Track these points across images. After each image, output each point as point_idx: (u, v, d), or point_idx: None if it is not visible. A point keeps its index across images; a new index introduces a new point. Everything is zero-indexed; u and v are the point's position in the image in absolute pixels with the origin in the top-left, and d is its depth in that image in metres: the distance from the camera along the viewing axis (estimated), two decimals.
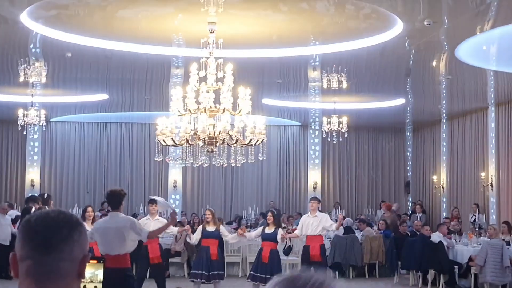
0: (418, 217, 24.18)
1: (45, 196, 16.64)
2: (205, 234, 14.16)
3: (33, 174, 27.02)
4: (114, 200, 9.74)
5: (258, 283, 14.08)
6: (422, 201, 26.65)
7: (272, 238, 14.13)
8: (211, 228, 14.15)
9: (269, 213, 14.81)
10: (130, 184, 27.34)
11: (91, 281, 2.45)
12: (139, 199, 26.96)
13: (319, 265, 14.46)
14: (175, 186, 26.89)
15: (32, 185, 26.84)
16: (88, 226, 13.52)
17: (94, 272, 2.45)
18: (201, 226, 14.64)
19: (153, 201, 14.16)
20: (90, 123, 27.40)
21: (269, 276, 13.81)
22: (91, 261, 2.45)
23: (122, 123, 27.45)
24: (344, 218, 18.66)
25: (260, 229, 14.77)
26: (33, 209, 14.54)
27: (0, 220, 18.14)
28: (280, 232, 14.47)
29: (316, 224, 14.84)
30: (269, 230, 14.24)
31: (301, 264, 15.53)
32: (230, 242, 15.14)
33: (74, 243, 2.30)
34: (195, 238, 14.32)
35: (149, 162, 27.18)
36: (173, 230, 14.45)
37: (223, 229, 14.58)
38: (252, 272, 14.42)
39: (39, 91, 20.53)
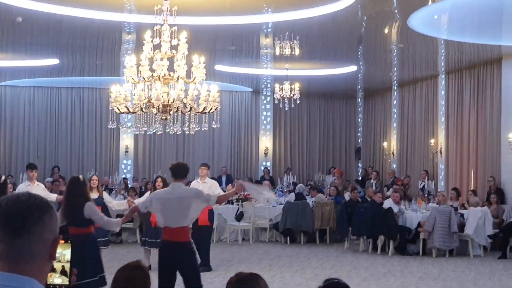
0: (373, 184, 24.44)
1: None
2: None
3: None
4: (180, 171, 9.23)
5: (148, 248, 14.34)
6: (373, 167, 26.93)
7: None
8: (95, 194, 13.34)
9: (159, 179, 14.60)
10: (81, 149, 27.13)
11: (59, 261, 2.48)
12: (90, 164, 26.80)
13: (207, 228, 14.71)
14: (126, 152, 26.76)
15: None
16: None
17: (61, 252, 2.48)
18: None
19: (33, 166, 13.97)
20: (40, 87, 27.03)
21: (158, 241, 13.88)
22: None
23: (73, 88, 27.13)
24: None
25: (147, 194, 14.49)
26: None
27: None
28: None
29: (206, 190, 14.92)
30: None
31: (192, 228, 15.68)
32: (115, 209, 14.45)
33: (45, 226, 2.33)
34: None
35: (101, 127, 26.97)
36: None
37: (106, 196, 14.11)
38: (142, 238, 14.72)
39: None
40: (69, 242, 2.50)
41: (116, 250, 17.23)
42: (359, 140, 29.52)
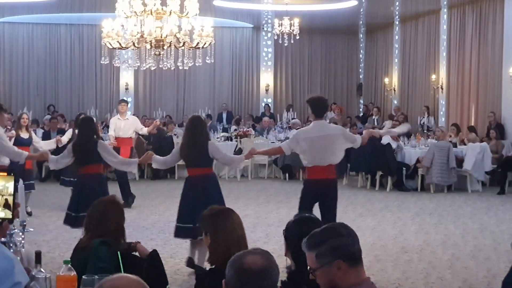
0: (375, 120, 24.34)
1: None
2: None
3: None
4: (320, 107, 9.00)
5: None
6: (374, 104, 26.80)
7: None
8: (25, 134, 13.05)
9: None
10: (81, 86, 27.04)
11: (2, 194, 2.38)
12: (90, 101, 26.74)
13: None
14: (127, 89, 26.62)
15: None
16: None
17: (4, 185, 2.38)
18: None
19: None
20: (39, 24, 26.78)
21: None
22: (0, 173, 2.39)
23: (72, 24, 26.85)
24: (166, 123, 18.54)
25: (70, 131, 14.05)
26: None
27: None
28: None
29: (128, 127, 14.69)
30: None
31: None
32: (42, 149, 12.18)
33: None
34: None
35: (100, 65, 26.71)
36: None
37: (34, 136, 13.57)
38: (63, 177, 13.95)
39: None
40: (11, 174, 2.41)
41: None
42: (361, 76, 29.32)
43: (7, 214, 2.40)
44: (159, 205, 14.52)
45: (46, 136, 17.43)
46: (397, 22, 25.79)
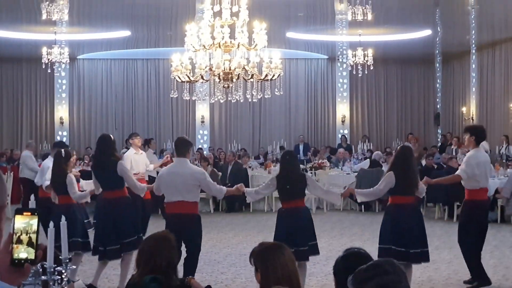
0: (454, 150, 23.84)
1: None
2: None
3: (62, 111, 27.13)
4: (483, 136, 10.16)
5: None
6: (452, 133, 26.34)
7: None
8: None
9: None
10: (157, 120, 27.42)
11: (26, 232, 2.35)
12: (167, 135, 27.02)
13: (149, 201, 13.58)
14: (202, 122, 26.84)
15: (61, 123, 26.98)
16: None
17: (28, 222, 2.35)
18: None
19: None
20: (116, 60, 27.35)
21: None
22: (25, 213, 2.36)
23: (148, 59, 27.34)
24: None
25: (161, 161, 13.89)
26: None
27: (28, 160, 17.85)
28: None
29: (142, 161, 14.21)
30: None
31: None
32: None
33: None
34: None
35: (176, 98, 26.77)
36: None
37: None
38: None
39: (65, 29, 20.67)
40: (35, 214, 2.37)
41: None
42: (438, 106, 28.90)
43: (30, 254, 2.34)
44: (233, 238, 14.48)
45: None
46: (473, 51, 25.35)
